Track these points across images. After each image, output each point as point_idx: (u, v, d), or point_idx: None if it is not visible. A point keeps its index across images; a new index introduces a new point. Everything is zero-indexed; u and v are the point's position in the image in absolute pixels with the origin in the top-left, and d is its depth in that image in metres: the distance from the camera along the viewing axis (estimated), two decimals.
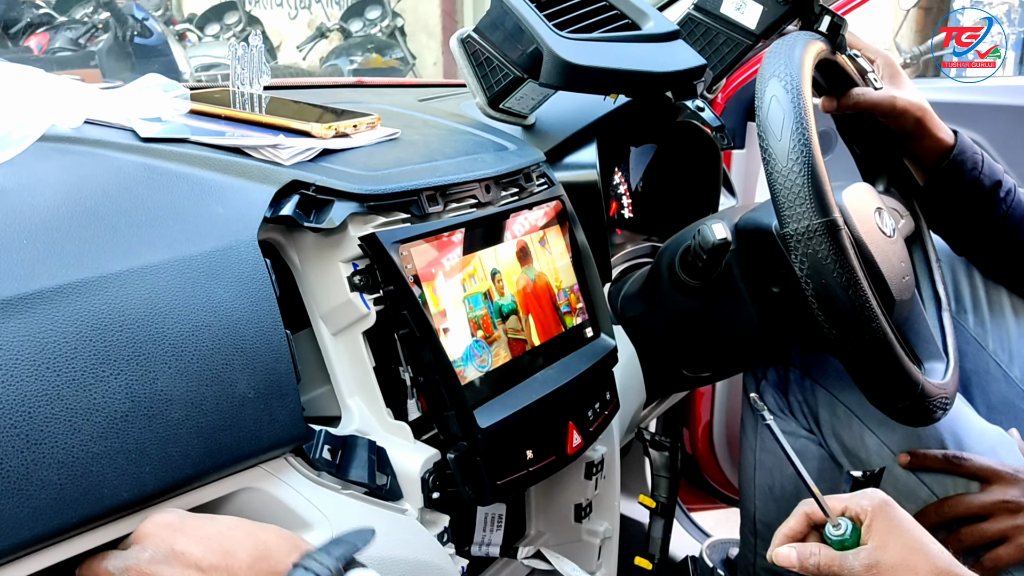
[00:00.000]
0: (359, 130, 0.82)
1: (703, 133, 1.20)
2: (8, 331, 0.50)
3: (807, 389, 1.12)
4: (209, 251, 0.62)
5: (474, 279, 0.77)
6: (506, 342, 0.78)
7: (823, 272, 0.81)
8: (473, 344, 0.75)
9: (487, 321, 0.77)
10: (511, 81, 0.95)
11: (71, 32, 4.56)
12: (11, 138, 0.62)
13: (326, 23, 5.66)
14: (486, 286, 0.78)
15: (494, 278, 0.79)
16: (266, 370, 0.62)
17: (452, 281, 0.75)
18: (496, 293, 0.79)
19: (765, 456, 1.19)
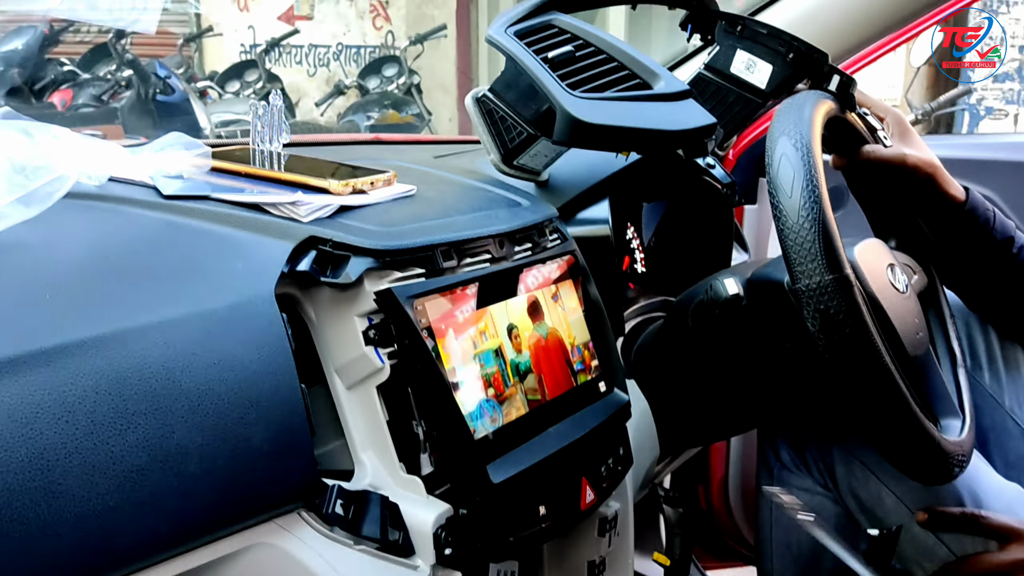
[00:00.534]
0: (376, 187, 0.84)
1: (715, 189, 1.22)
2: (30, 385, 0.51)
3: (823, 445, 1.11)
4: (228, 305, 0.63)
5: (487, 334, 0.78)
6: (520, 398, 0.79)
7: (835, 328, 0.81)
8: (484, 403, 0.75)
9: (498, 379, 0.77)
10: (525, 139, 0.97)
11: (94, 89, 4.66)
12: (38, 195, 0.63)
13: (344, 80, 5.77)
14: (499, 342, 0.79)
15: (510, 333, 0.80)
16: (281, 424, 0.62)
17: (466, 336, 0.76)
18: (511, 348, 0.79)
19: (782, 513, 1.18)
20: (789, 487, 1.17)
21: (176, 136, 0.81)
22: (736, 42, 1.12)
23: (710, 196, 1.22)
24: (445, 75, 6.43)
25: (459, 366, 0.74)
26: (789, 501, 0.68)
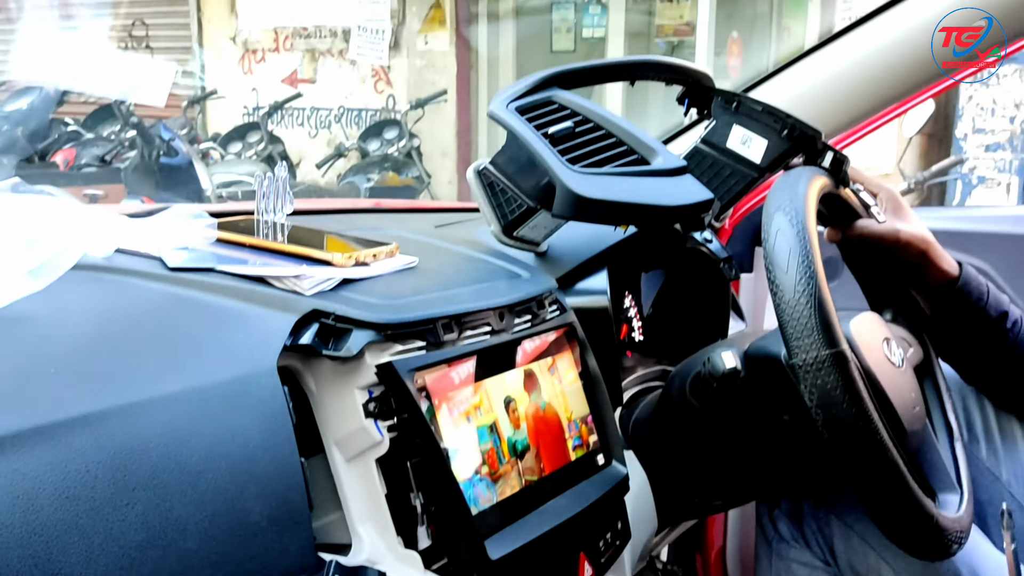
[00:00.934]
0: (378, 259, 0.85)
1: (711, 260, 1.23)
2: (32, 459, 0.52)
3: (821, 519, 1.11)
4: (230, 379, 0.63)
5: (483, 409, 0.78)
6: (515, 475, 0.79)
7: (833, 403, 0.82)
8: (478, 481, 0.75)
9: (494, 456, 0.77)
10: (525, 211, 0.99)
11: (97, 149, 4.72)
12: (47, 267, 0.64)
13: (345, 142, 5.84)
14: (495, 417, 0.79)
15: (508, 406, 0.80)
16: (280, 499, 0.62)
17: (465, 409, 0.76)
18: (509, 422, 0.80)
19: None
20: (788, 560, 1.16)
21: (183, 207, 0.83)
22: (732, 118, 1.15)
23: (707, 267, 1.24)
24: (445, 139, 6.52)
25: (458, 440, 0.74)
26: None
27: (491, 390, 0.79)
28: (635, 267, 1.25)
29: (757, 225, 1.59)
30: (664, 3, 6.59)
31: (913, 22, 1.21)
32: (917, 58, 1.23)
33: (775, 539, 1.16)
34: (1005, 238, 1.59)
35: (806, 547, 1.14)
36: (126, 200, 3.94)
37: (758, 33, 6.76)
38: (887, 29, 1.24)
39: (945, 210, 1.57)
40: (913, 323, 1.12)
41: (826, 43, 1.31)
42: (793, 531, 1.14)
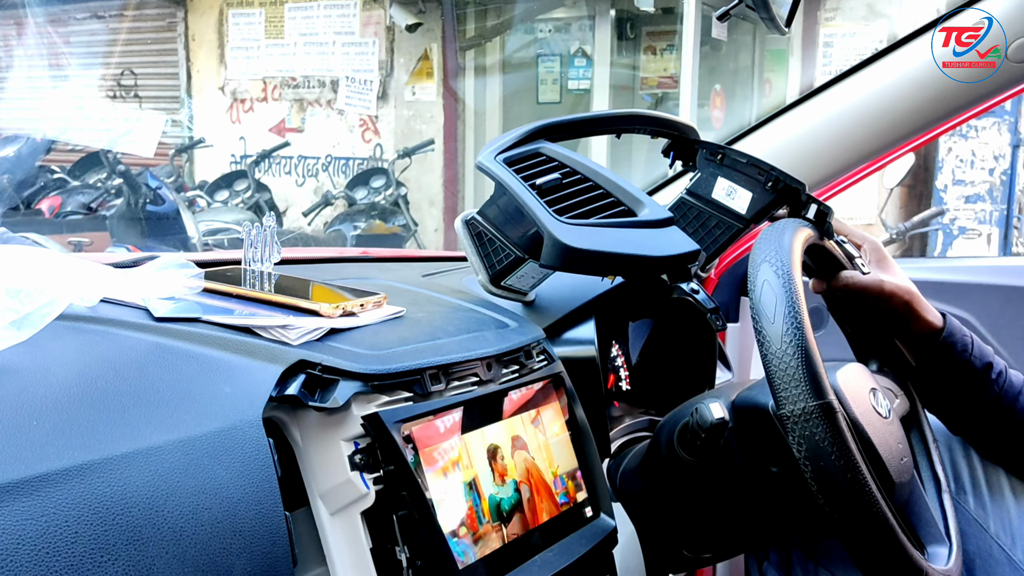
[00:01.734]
0: (366, 308, 0.85)
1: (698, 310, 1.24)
2: (12, 515, 0.51)
3: (810, 571, 1.10)
4: (214, 431, 0.63)
5: (475, 457, 0.77)
6: (500, 535, 0.78)
7: (821, 455, 0.82)
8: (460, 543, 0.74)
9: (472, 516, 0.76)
10: (512, 261, 0.99)
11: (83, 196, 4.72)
12: (31, 318, 0.64)
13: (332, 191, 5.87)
14: (484, 466, 0.78)
15: (494, 457, 0.80)
16: (263, 554, 0.61)
17: (452, 460, 0.75)
18: (495, 472, 0.79)
19: None
20: None
21: (169, 257, 0.82)
22: (717, 170, 1.17)
23: (694, 317, 1.24)
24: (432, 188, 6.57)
25: (444, 492, 0.73)
26: None
27: (477, 442, 0.79)
28: (622, 317, 1.25)
29: (742, 275, 1.60)
30: (648, 56, 6.71)
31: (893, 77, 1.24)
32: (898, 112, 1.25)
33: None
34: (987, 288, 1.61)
35: None
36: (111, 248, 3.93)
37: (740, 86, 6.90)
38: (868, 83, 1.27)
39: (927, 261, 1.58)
40: (899, 374, 1.12)
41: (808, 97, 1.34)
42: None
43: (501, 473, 0.80)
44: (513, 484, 0.80)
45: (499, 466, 0.80)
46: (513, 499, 0.80)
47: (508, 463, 0.81)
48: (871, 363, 1.12)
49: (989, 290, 1.59)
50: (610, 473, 1.10)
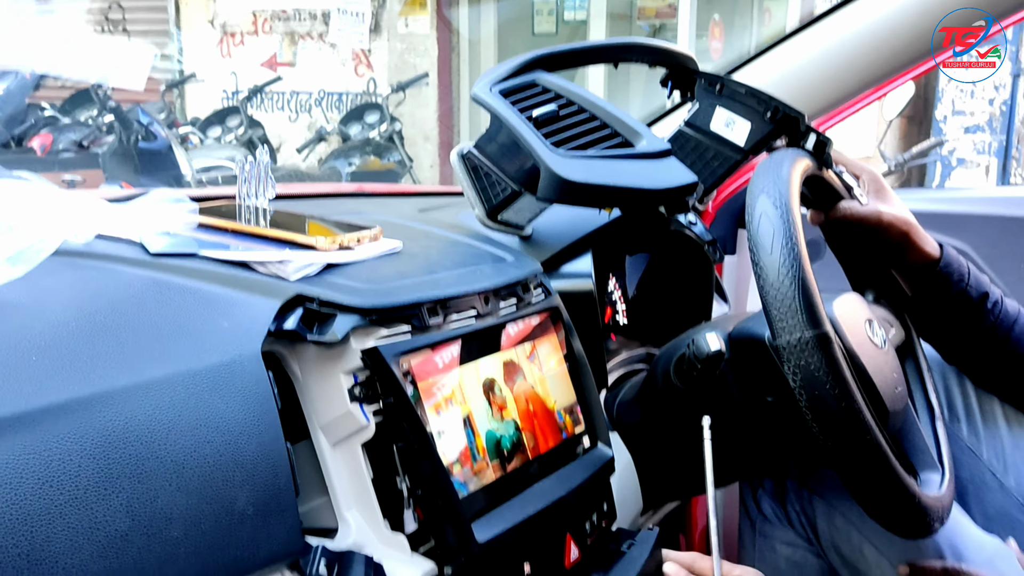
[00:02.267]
0: (362, 243, 0.84)
1: (695, 243, 1.23)
2: (14, 448, 0.51)
3: (804, 499, 1.12)
4: (213, 365, 0.63)
5: (472, 390, 0.78)
6: (500, 457, 0.79)
7: (816, 384, 0.82)
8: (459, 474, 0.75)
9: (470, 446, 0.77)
10: (509, 195, 0.99)
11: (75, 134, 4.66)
12: (26, 254, 0.63)
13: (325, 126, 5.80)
14: (482, 398, 0.79)
15: (492, 388, 0.80)
16: (266, 485, 0.62)
17: (451, 392, 0.76)
18: (495, 406, 0.80)
19: (764, 567, 1.18)
20: (771, 540, 1.17)
21: (163, 191, 0.82)
22: (715, 100, 1.15)
23: (691, 250, 1.24)
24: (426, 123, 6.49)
25: (443, 424, 0.74)
26: None
27: (475, 374, 0.79)
28: (619, 250, 1.25)
29: (740, 207, 1.59)
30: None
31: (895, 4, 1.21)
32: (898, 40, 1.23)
33: (758, 519, 1.17)
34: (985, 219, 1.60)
35: (789, 526, 1.15)
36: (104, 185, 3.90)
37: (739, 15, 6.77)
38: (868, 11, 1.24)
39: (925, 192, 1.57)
40: (895, 304, 1.13)
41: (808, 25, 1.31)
42: (776, 511, 1.15)
43: (499, 406, 0.80)
44: (511, 416, 0.81)
45: (497, 398, 0.80)
46: (512, 431, 0.81)
47: (506, 396, 0.81)
48: (867, 294, 1.12)
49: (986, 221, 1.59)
50: (607, 405, 1.11)
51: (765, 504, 1.16)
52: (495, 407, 0.80)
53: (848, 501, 1.06)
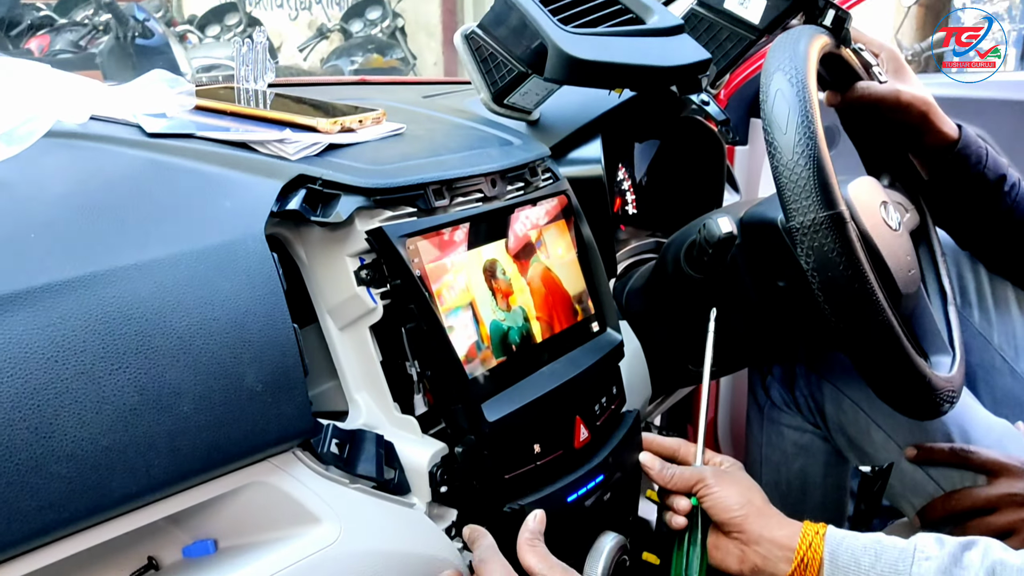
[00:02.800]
0: (364, 125, 0.82)
1: (707, 129, 1.20)
2: (18, 324, 0.51)
3: (813, 384, 1.12)
4: (217, 245, 0.62)
5: (479, 275, 0.77)
6: (512, 337, 0.78)
7: (829, 265, 0.81)
8: (476, 342, 0.75)
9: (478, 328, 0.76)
10: (515, 76, 0.95)
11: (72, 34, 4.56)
12: (17, 133, 0.62)
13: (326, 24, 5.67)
14: (490, 282, 0.78)
15: (499, 272, 0.79)
16: (274, 364, 0.62)
17: (458, 275, 0.75)
18: (501, 287, 0.79)
19: (771, 452, 1.20)
20: (778, 425, 1.18)
21: (159, 73, 0.79)
22: None
23: (703, 135, 1.21)
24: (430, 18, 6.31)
25: (453, 305, 0.73)
26: None
27: (482, 258, 0.78)
28: (629, 136, 1.22)
29: (753, 95, 1.55)
30: None
31: None
32: None
33: (767, 405, 1.18)
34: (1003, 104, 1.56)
35: (797, 412, 1.15)
36: None
37: None
38: None
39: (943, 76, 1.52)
40: (910, 188, 1.10)
41: None
42: (785, 396, 1.16)
43: (507, 291, 0.79)
44: (519, 302, 0.80)
45: (504, 284, 0.79)
46: (520, 316, 0.80)
47: (514, 281, 0.80)
48: (883, 177, 1.10)
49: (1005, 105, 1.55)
50: (616, 293, 1.10)
51: (773, 390, 1.17)
52: (502, 292, 0.79)
53: (857, 385, 1.06)
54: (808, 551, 0.77)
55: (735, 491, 0.81)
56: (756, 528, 0.79)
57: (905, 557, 0.73)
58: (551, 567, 0.69)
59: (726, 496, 0.81)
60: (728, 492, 0.81)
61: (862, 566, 0.74)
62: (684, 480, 0.83)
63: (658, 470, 0.85)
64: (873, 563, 0.74)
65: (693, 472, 0.83)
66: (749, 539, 0.79)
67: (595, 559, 0.81)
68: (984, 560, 0.71)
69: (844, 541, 0.77)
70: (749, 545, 0.79)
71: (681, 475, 0.84)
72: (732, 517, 0.80)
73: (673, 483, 0.84)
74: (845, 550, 0.76)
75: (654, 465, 0.86)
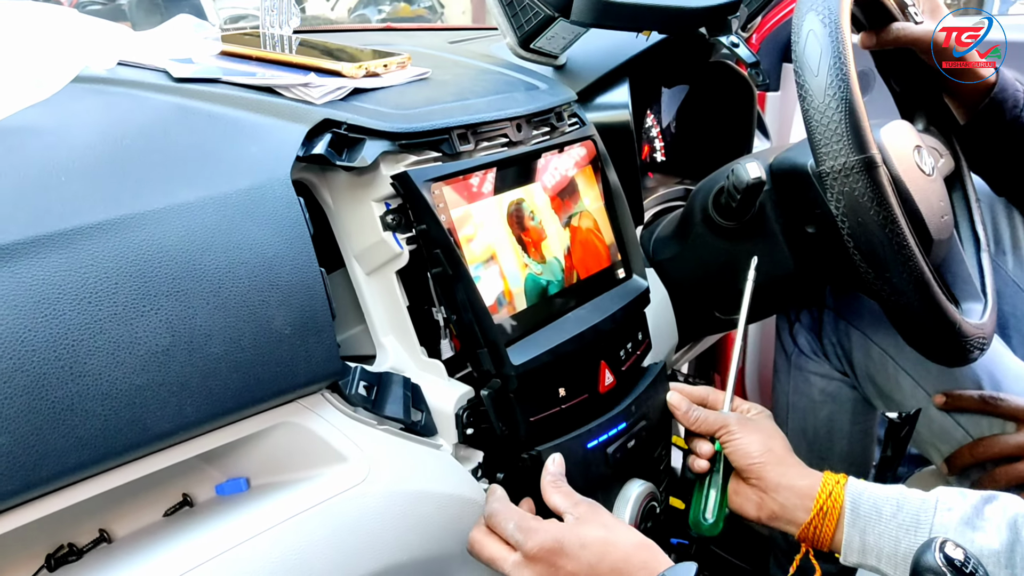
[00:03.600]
0: (389, 69, 0.82)
1: (737, 73, 1.18)
2: (50, 266, 0.52)
3: (841, 331, 1.11)
4: (244, 189, 0.62)
5: (504, 219, 0.77)
6: (537, 283, 0.79)
7: (860, 210, 0.80)
8: (501, 287, 0.75)
9: (517, 263, 0.77)
10: (542, 20, 0.94)
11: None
12: (48, 78, 0.62)
13: None
14: (517, 227, 0.78)
15: (525, 218, 0.79)
16: (302, 307, 0.62)
17: (483, 221, 0.75)
18: (526, 233, 0.79)
19: (798, 399, 1.19)
20: (806, 372, 1.17)
21: (185, 18, 0.79)
22: None
23: (733, 80, 1.19)
24: None
25: (479, 250, 0.74)
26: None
27: (509, 203, 0.78)
28: (657, 81, 1.20)
29: (785, 40, 1.52)
30: None
31: None
32: None
33: (794, 352, 1.18)
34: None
35: (825, 359, 1.15)
36: None
37: None
38: None
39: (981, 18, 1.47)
40: (945, 132, 1.08)
41: None
42: (812, 343, 1.15)
43: (532, 237, 0.79)
44: (546, 246, 0.80)
45: (529, 228, 0.79)
46: (545, 260, 0.80)
47: (539, 226, 0.80)
48: (917, 121, 1.08)
49: None
50: (643, 240, 1.10)
51: (801, 337, 1.16)
52: (528, 238, 0.79)
53: (885, 331, 1.06)
54: (828, 500, 0.77)
55: (757, 438, 0.81)
56: (775, 476, 0.80)
57: (927, 508, 0.73)
58: (575, 503, 0.70)
59: (748, 443, 0.81)
60: (750, 439, 0.81)
61: (883, 515, 0.75)
62: (708, 424, 0.84)
63: (684, 411, 0.85)
64: (895, 512, 0.74)
65: (718, 417, 0.84)
66: (767, 487, 0.80)
67: (623, 505, 0.82)
68: (1005, 513, 0.71)
69: (866, 491, 0.77)
70: (767, 492, 0.80)
71: (706, 419, 0.84)
72: (751, 464, 0.80)
73: (697, 426, 0.84)
74: (867, 500, 0.76)
75: (680, 405, 0.86)
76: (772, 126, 1.52)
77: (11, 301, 0.50)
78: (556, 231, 0.82)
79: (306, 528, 0.62)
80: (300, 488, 0.65)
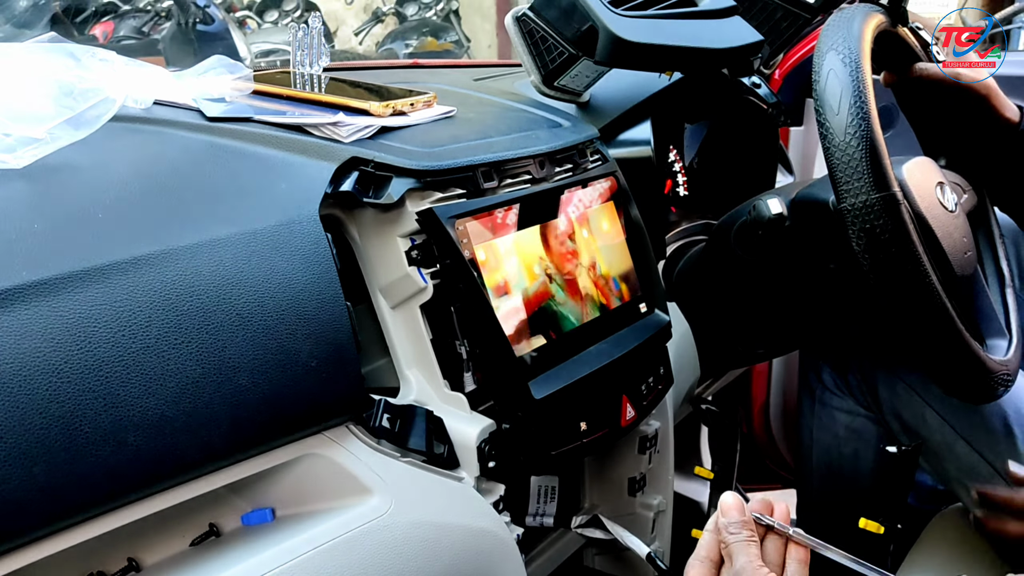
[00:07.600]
0: (416, 108, 0.84)
1: (759, 109, 1.19)
2: (87, 299, 0.53)
3: (865, 367, 1.11)
4: (273, 225, 0.64)
5: (528, 255, 0.78)
6: (560, 317, 0.79)
7: (881, 248, 0.80)
8: (524, 321, 0.76)
9: (539, 297, 0.78)
10: (566, 59, 0.96)
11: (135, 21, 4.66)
12: (86, 117, 0.64)
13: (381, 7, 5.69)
14: (540, 262, 0.79)
15: (548, 253, 0.80)
16: (328, 340, 0.64)
17: (506, 256, 0.76)
18: (549, 268, 0.80)
19: (822, 435, 1.19)
20: (830, 408, 1.17)
21: (218, 59, 0.81)
22: None
23: (754, 116, 1.20)
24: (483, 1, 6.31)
25: (502, 285, 0.75)
26: None
27: (532, 240, 0.79)
28: (680, 118, 1.21)
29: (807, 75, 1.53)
30: None
31: None
32: None
33: (818, 388, 1.17)
34: None
35: (849, 395, 1.15)
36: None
37: None
38: None
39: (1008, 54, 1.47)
40: (968, 168, 1.08)
41: None
42: (837, 380, 1.15)
43: (554, 271, 0.80)
44: (567, 280, 0.81)
45: (552, 264, 0.80)
46: (568, 294, 0.81)
47: (562, 261, 0.81)
48: (940, 158, 1.08)
49: None
50: (665, 274, 1.10)
51: (825, 373, 1.16)
52: (550, 273, 0.80)
53: (910, 368, 1.05)
54: None
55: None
56: None
57: None
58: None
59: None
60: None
61: None
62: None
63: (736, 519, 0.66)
64: None
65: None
66: None
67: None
68: None
69: None
70: None
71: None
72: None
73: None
74: None
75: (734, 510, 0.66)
76: (795, 161, 1.52)
77: (48, 334, 0.51)
78: (578, 265, 0.83)
79: (331, 559, 0.63)
80: (325, 519, 0.65)
